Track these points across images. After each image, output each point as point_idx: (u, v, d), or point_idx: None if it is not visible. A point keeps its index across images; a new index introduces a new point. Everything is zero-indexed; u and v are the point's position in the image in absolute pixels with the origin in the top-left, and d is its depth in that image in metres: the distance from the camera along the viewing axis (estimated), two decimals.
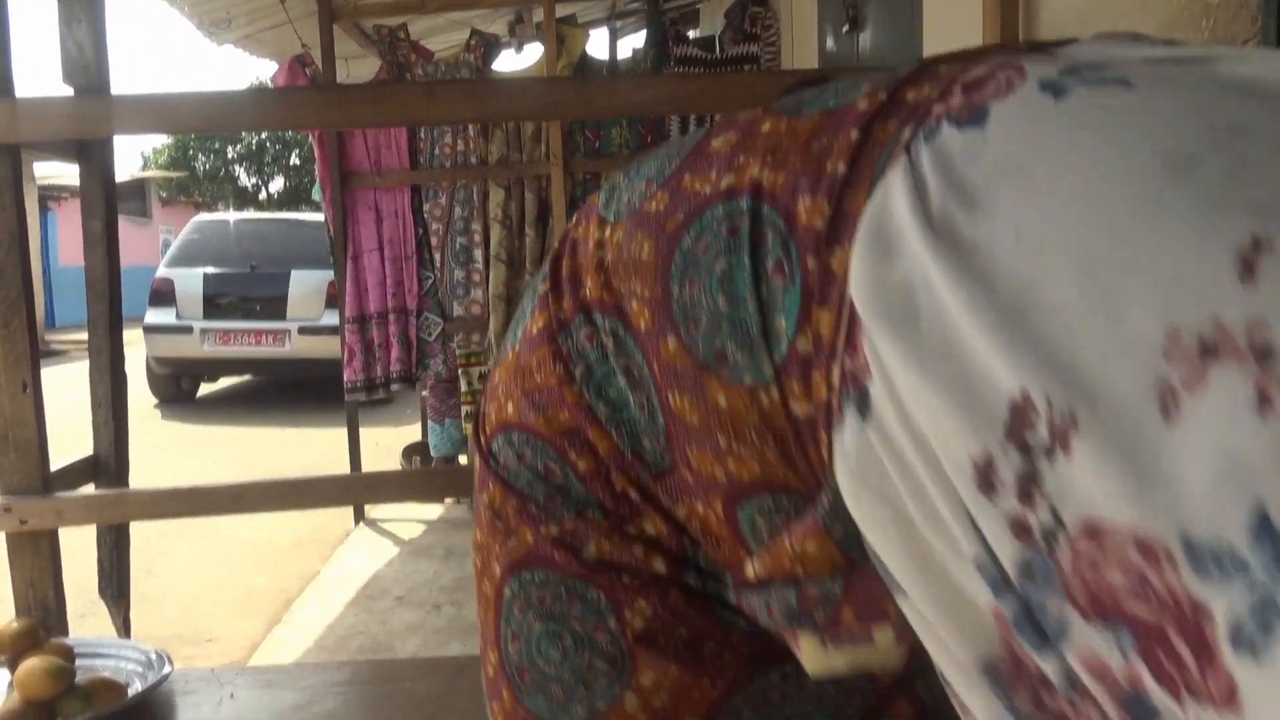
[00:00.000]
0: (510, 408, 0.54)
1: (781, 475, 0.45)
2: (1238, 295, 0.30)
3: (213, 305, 7.36)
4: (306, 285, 7.39)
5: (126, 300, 2.01)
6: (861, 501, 0.40)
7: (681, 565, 0.52)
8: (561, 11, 4.04)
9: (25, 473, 1.66)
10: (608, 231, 0.52)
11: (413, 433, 5.73)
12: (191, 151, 24.15)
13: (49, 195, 15.02)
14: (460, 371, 4.10)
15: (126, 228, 12.93)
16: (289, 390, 8.21)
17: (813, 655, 0.47)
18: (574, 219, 0.55)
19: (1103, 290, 0.32)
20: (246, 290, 7.42)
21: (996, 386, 0.34)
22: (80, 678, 1.43)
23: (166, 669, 1.55)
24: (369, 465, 4.40)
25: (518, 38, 5.29)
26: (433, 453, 4.41)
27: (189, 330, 7.24)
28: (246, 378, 8.63)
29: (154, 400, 7.64)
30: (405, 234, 4.07)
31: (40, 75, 4.47)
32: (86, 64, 1.85)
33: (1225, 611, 0.29)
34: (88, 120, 1.60)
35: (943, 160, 0.39)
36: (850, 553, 0.43)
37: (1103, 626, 0.32)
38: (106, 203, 1.92)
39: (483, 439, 0.56)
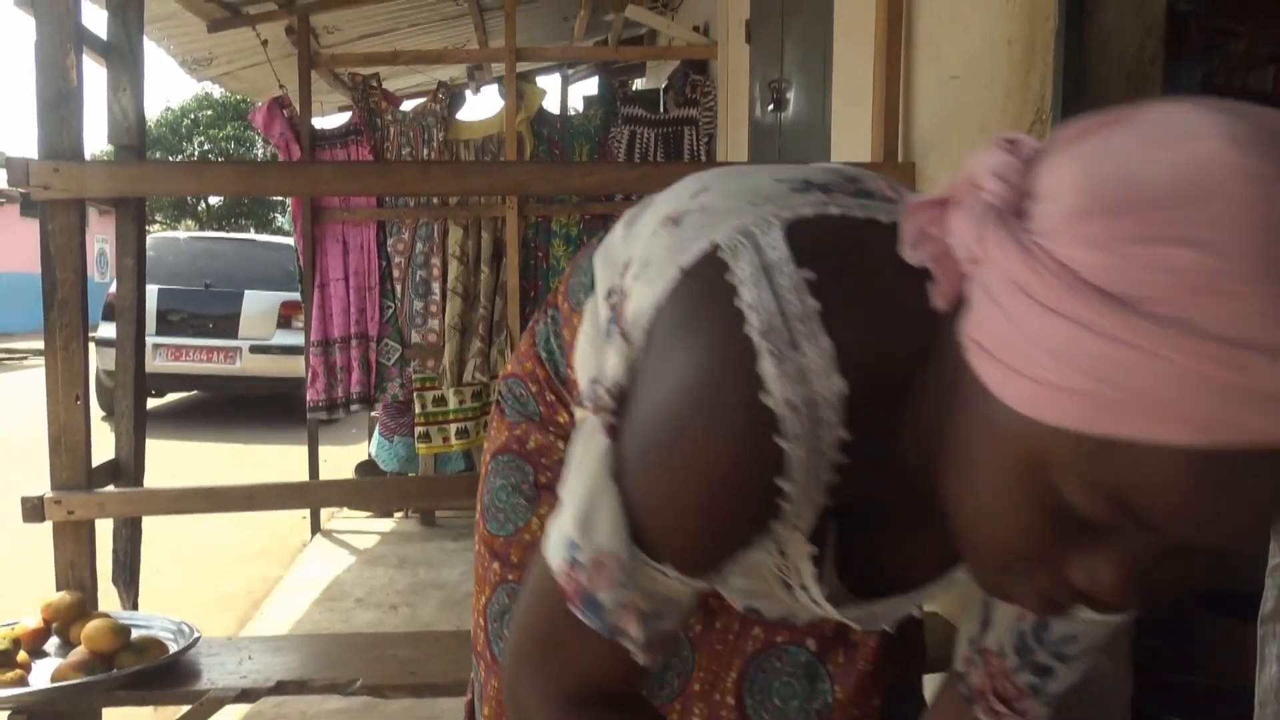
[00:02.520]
0: (510, 366, 1.00)
1: None
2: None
3: (165, 321, 7.55)
4: (259, 305, 7.65)
5: None
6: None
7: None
8: (521, 69, 4.44)
9: (72, 470, 1.98)
10: (562, 287, 0.98)
11: (360, 450, 6.02)
12: None
13: None
14: (415, 395, 4.42)
15: None
16: (236, 406, 8.40)
17: None
18: (554, 288, 1.04)
19: (637, 260, 0.76)
20: (200, 308, 7.65)
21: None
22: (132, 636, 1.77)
23: (196, 634, 1.89)
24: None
25: (476, 81, 5.70)
26: (382, 468, 4.72)
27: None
28: (194, 393, 8.79)
29: (102, 413, 7.77)
30: (370, 266, 4.40)
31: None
32: (129, 127, 2.19)
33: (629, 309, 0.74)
34: (143, 181, 1.93)
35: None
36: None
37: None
38: (138, 242, 2.25)
39: (497, 387, 1.04)
